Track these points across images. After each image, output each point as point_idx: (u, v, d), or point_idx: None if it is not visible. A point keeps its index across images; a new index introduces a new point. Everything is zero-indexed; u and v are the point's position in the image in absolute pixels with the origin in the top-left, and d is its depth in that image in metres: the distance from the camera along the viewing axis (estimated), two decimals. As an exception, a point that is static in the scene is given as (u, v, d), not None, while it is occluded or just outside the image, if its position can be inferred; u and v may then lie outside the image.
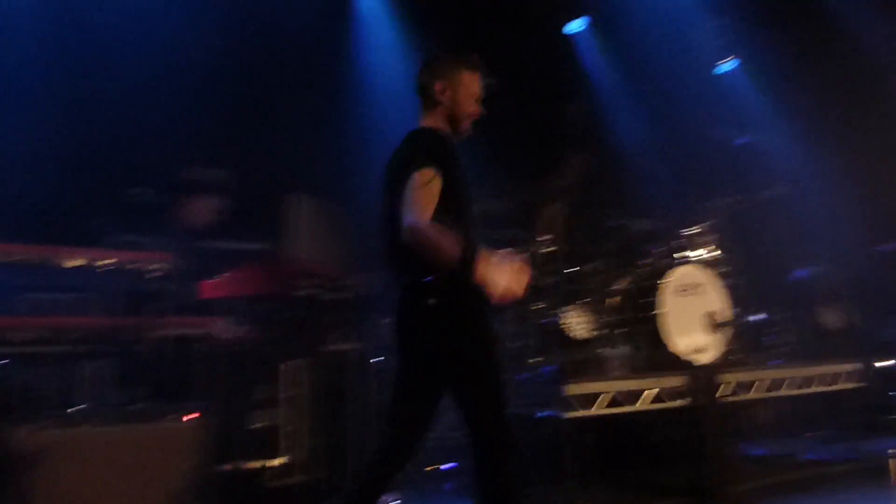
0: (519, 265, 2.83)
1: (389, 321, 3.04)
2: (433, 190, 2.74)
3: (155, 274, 3.90)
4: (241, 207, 5.49)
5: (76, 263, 3.90)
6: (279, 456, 4.30)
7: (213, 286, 4.22)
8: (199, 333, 4.04)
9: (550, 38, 7.35)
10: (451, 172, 2.82)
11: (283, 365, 4.41)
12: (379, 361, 6.08)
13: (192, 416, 3.64)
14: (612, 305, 5.30)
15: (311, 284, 4.22)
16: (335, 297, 4.41)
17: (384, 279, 3.15)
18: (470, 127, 3.09)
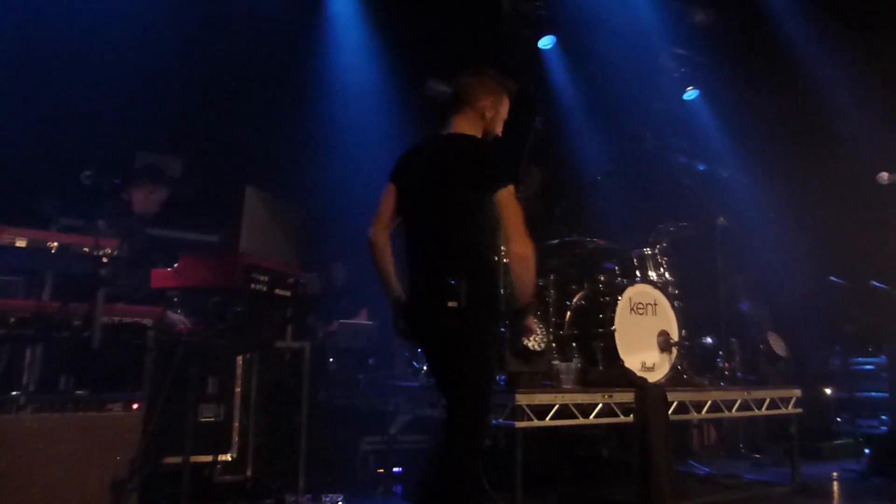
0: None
1: (408, 321, 3.11)
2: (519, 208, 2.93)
3: (102, 259, 3.74)
4: (193, 197, 5.38)
5: (19, 244, 3.72)
6: (229, 451, 4.22)
7: (163, 275, 4.08)
8: (147, 322, 3.92)
9: (521, 50, 7.40)
10: None
11: (233, 359, 4.32)
12: (331, 363, 6.03)
13: (137, 405, 3.50)
14: (566, 319, 5.32)
15: (262, 279, 4.11)
16: (286, 293, 4.31)
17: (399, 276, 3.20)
18: None
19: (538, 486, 4.56)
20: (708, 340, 6.53)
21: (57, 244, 3.74)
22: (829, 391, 7.12)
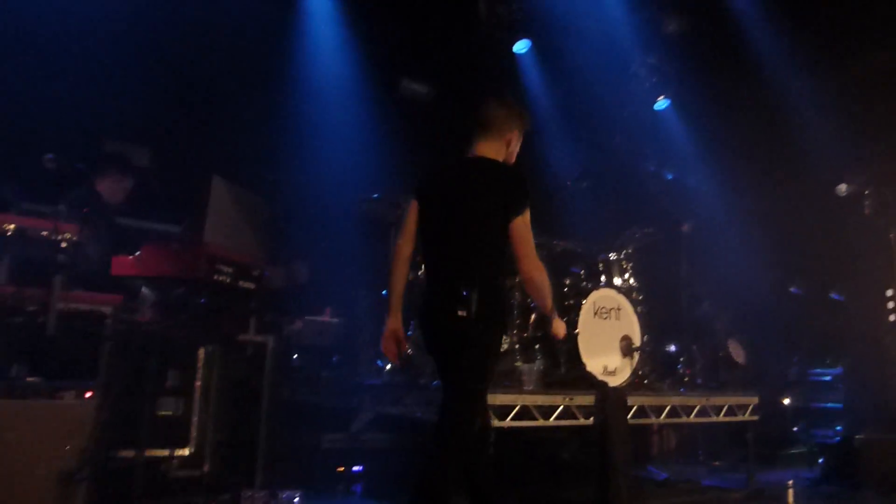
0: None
1: (421, 326, 3.32)
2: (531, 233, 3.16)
3: (60, 244, 3.66)
4: (158, 187, 5.30)
5: (-24, 228, 3.64)
6: (186, 445, 4.14)
7: (125, 263, 4.01)
8: (106, 310, 3.84)
9: (497, 53, 7.43)
10: None
11: (194, 352, 4.25)
12: (294, 359, 5.98)
13: (89, 393, 3.43)
14: (530, 321, 5.33)
15: (226, 270, 4.06)
16: (251, 285, 4.26)
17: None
18: None
19: (498, 487, 4.55)
20: (671, 346, 6.61)
21: (14, 227, 3.67)
22: (787, 400, 7.25)
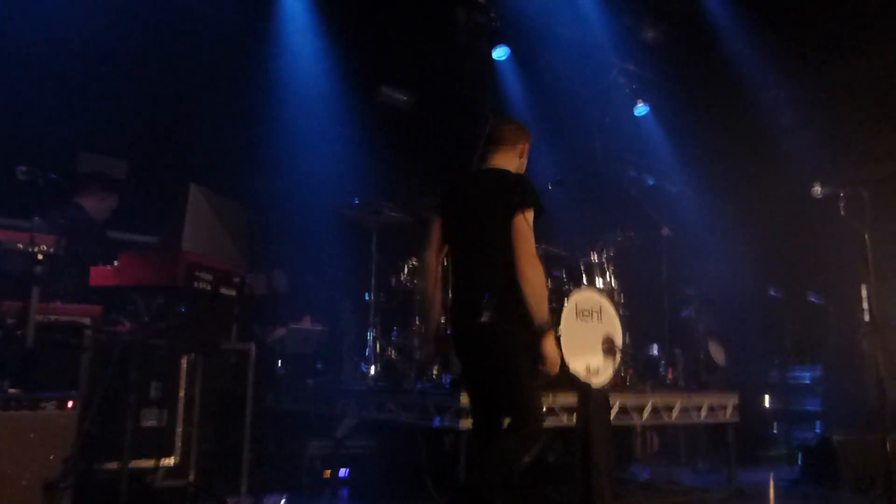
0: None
1: (453, 335, 3.42)
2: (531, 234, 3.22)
3: (37, 256, 3.65)
4: (137, 197, 5.29)
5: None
6: (171, 455, 4.12)
7: (103, 273, 4.00)
8: (85, 321, 3.82)
9: (476, 59, 7.48)
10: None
11: (177, 362, 4.22)
12: (279, 367, 5.97)
13: (72, 405, 3.40)
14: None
15: (206, 278, 4.06)
16: (232, 292, 4.26)
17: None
18: None
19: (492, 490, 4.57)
20: (653, 348, 6.66)
21: (-9, 238, 3.65)
22: (767, 402, 7.34)
